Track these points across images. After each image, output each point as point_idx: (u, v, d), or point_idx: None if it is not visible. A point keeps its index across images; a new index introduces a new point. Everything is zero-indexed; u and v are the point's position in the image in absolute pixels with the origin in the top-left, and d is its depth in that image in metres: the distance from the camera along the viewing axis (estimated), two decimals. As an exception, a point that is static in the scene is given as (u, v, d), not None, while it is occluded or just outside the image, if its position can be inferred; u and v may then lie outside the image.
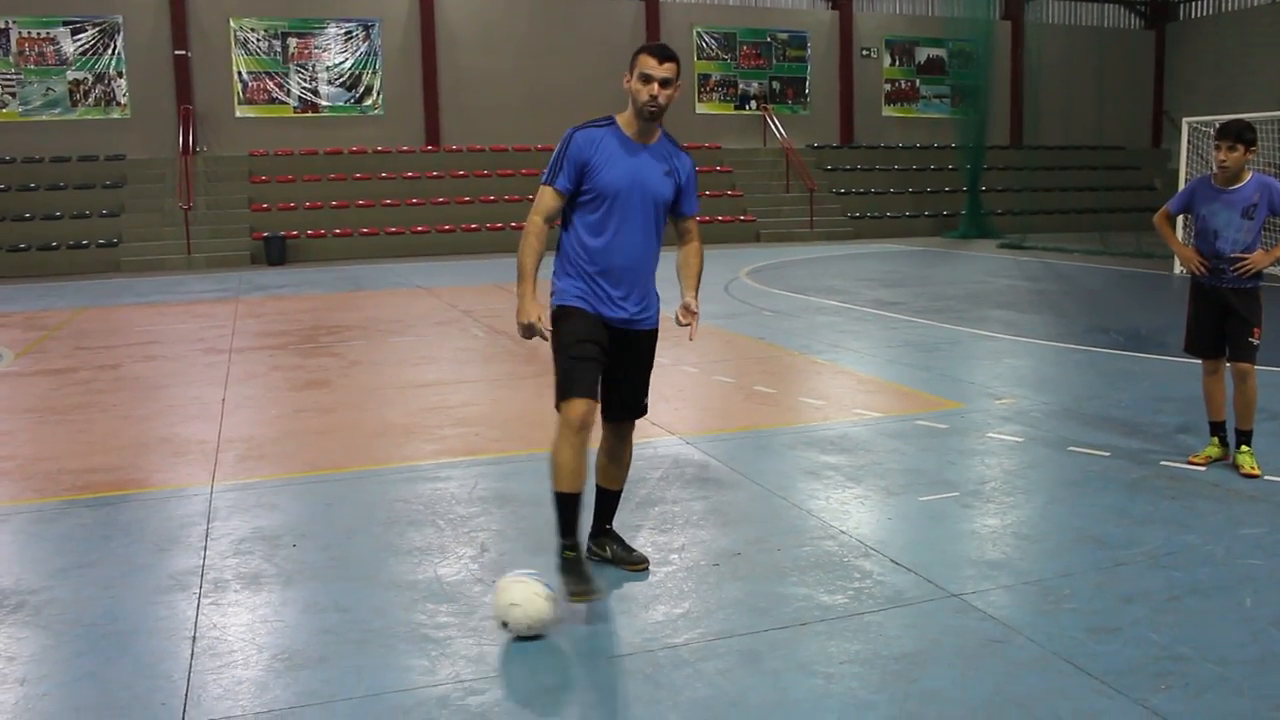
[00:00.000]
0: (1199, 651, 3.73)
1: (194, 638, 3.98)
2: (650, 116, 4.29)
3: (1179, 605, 4.14)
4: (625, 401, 4.48)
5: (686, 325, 4.37)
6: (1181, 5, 34.42)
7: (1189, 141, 19.32)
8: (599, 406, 4.27)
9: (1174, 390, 8.07)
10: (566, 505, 4.23)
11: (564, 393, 4.16)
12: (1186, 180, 18.89)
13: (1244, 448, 5.99)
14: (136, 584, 4.54)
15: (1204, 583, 4.36)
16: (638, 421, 4.61)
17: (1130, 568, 4.54)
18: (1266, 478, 5.78)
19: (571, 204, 4.30)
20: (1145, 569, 4.52)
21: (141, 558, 4.86)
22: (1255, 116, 17.92)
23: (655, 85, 4.22)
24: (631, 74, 4.29)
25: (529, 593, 3.84)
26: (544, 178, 4.27)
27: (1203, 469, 5.99)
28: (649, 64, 4.25)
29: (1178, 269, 18.18)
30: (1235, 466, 5.97)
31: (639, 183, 4.27)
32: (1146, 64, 34.60)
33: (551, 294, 4.38)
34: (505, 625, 3.88)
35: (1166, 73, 34.51)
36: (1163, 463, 6.12)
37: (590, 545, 4.65)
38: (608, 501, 4.70)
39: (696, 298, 4.40)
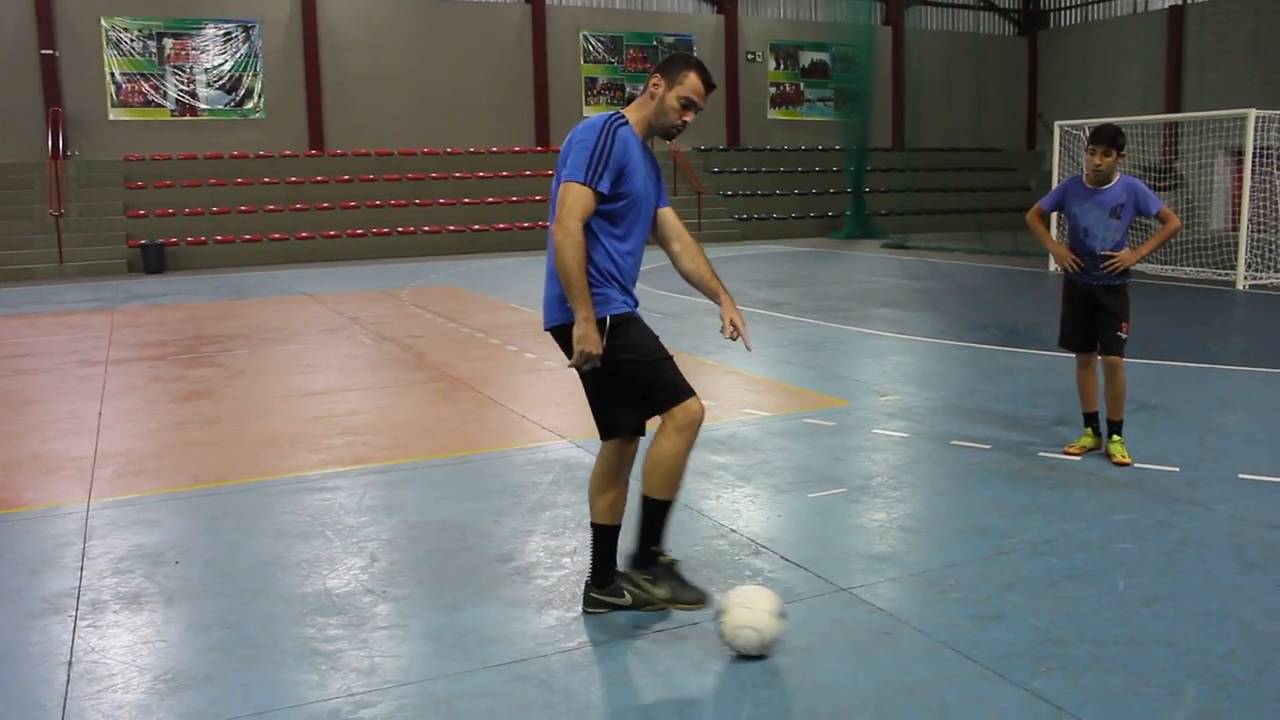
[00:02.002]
0: (1076, 634, 3.86)
1: (70, 662, 3.84)
2: (670, 138, 4.06)
3: (1057, 590, 4.28)
4: None
5: (737, 338, 4.11)
6: (1052, 14, 35.61)
7: (1060, 143, 19.99)
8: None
9: (1050, 384, 8.34)
10: (670, 512, 4.01)
11: (680, 394, 3.85)
12: (1059, 180, 19.56)
13: (1115, 438, 6.24)
14: (6, 609, 4.36)
15: (1080, 568, 4.51)
16: (531, 424, 4.51)
17: (1011, 556, 4.68)
18: (1137, 465, 6.02)
19: (607, 211, 3.89)
20: (1025, 557, 4.66)
21: (12, 581, 4.67)
22: (1121, 120, 18.63)
23: (693, 113, 3.96)
24: (668, 84, 3.92)
25: (765, 619, 3.68)
26: (579, 175, 3.75)
27: (1078, 459, 6.20)
28: (699, 90, 3.93)
29: (1052, 267, 18.80)
30: (1108, 455, 6.20)
31: (651, 189, 4.04)
32: (1020, 69, 35.71)
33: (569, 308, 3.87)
34: (731, 640, 3.72)
35: (1039, 78, 35.68)
36: (1040, 454, 6.32)
37: (597, 595, 4.18)
38: (613, 538, 4.24)
39: (732, 300, 4.19)
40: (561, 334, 3.95)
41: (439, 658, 3.83)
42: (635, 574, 4.08)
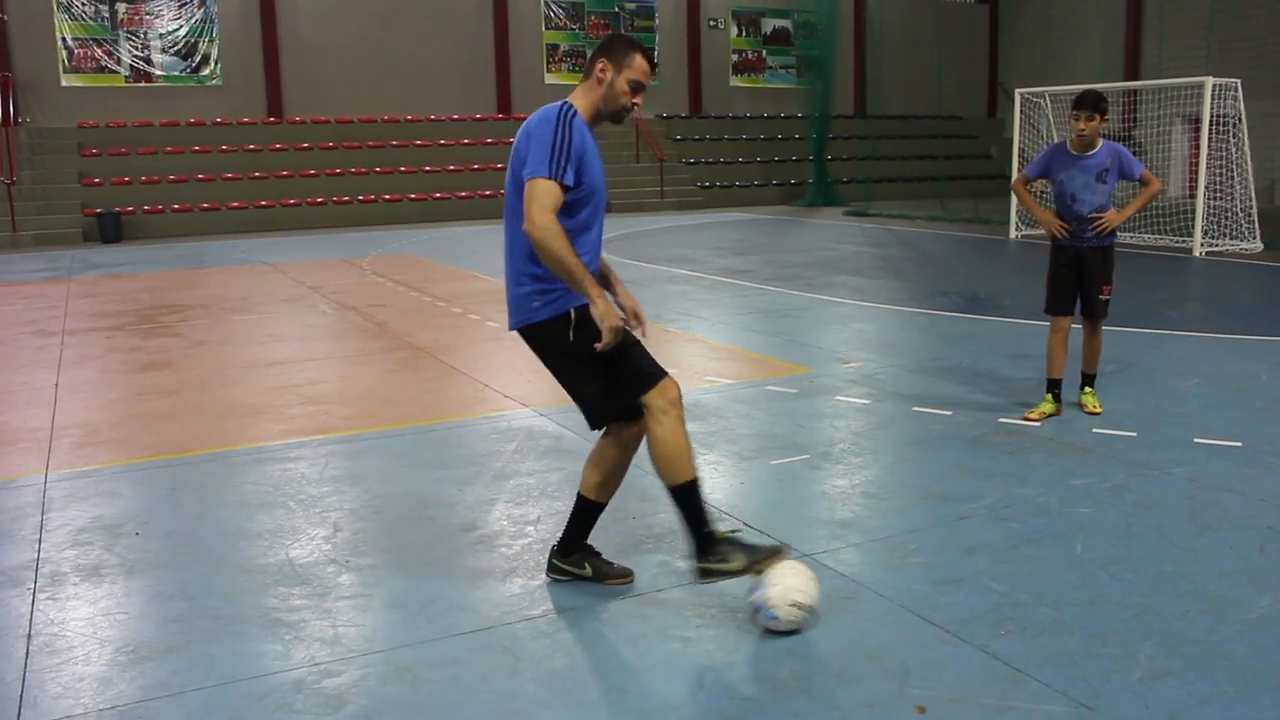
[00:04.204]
0: (1034, 597, 3.92)
1: (29, 635, 3.80)
2: (619, 122, 3.99)
3: (1017, 554, 4.33)
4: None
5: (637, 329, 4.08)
6: (1013, -20, 35.69)
7: (1021, 111, 20.10)
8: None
9: (1010, 350, 8.41)
10: (699, 489, 3.89)
11: (649, 379, 3.79)
12: (1020, 148, 19.68)
13: (1088, 389, 6.57)
14: (-35, 580, 4.31)
15: (1039, 532, 4.57)
16: (494, 393, 4.44)
17: (972, 521, 4.73)
18: (1094, 430, 6.10)
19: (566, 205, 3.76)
20: (986, 522, 4.72)
21: (-31, 553, 4.61)
22: (1084, 88, 18.74)
23: (640, 95, 3.91)
24: (615, 68, 3.85)
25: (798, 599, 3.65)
26: (542, 170, 3.63)
27: (1038, 424, 6.28)
28: (646, 71, 3.89)
29: (1013, 233, 18.95)
30: (1079, 405, 6.51)
31: (603, 180, 3.95)
32: (981, 37, 35.77)
33: (546, 301, 3.82)
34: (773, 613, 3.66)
35: (1000, 46, 35.77)
36: (1001, 420, 6.39)
37: (559, 563, 4.19)
38: (594, 515, 4.22)
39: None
40: (531, 334, 3.89)
41: (403, 627, 3.83)
42: (705, 562, 3.85)
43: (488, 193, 25.85)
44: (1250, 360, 7.99)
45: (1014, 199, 19.07)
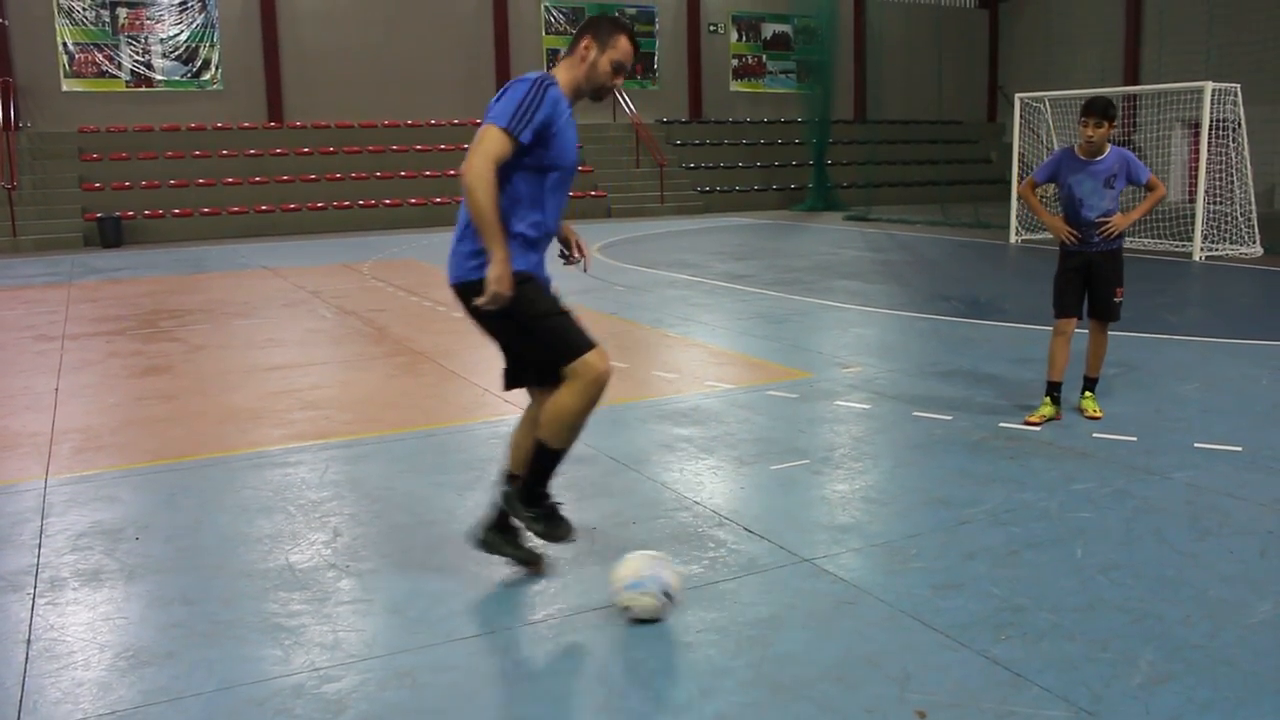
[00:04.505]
0: (1035, 602, 3.91)
1: (28, 640, 3.80)
2: (600, 100, 4.05)
3: (1017, 559, 4.33)
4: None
5: (579, 260, 4.35)
6: (1012, -15, 35.76)
7: (1021, 116, 20.12)
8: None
9: (1011, 354, 8.41)
10: (559, 461, 4.09)
11: (576, 349, 3.86)
12: (1020, 153, 19.70)
13: (1089, 394, 6.57)
14: (-36, 585, 4.31)
15: (1039, 537, 4.57)
16: (494, 398, 4.51)
17: (972, 526, 4.73)
18: (1095, 435, 6.09)
19: (514, 163, 3.80)
20: (986, 526, 4.71)
21: (-31, 558, 4.61)
22: (1081, 94, 18.76)
23: (623, 76, 3.98)
24: (600, 47, 3.92)
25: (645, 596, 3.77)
26: (501, 120, 3.69)
27: (1038, 429, 6.28)
28: (630, 53, 3.96)
29: (1013, 238, 18.96)
30: (1080, 410, 6.51)
31: (575, 156, 4.01)
32: (981, 42, 35.81)
33: (483, 263, 3.85)
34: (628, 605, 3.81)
35: (1000, 50, 35.82)
36: (1001, 424, 6.39)
37: (489, 537, 4.30)
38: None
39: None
40: (466, 290, 3.95)
41: (403, 632, 3.82)
42: (518, 509, 4.12)
43: (488, 197, 25.79)
44: (1250, 365, 7.99)
45: (1013, 203, 19.10)
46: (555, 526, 4.11)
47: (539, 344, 3.97)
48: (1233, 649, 3.53)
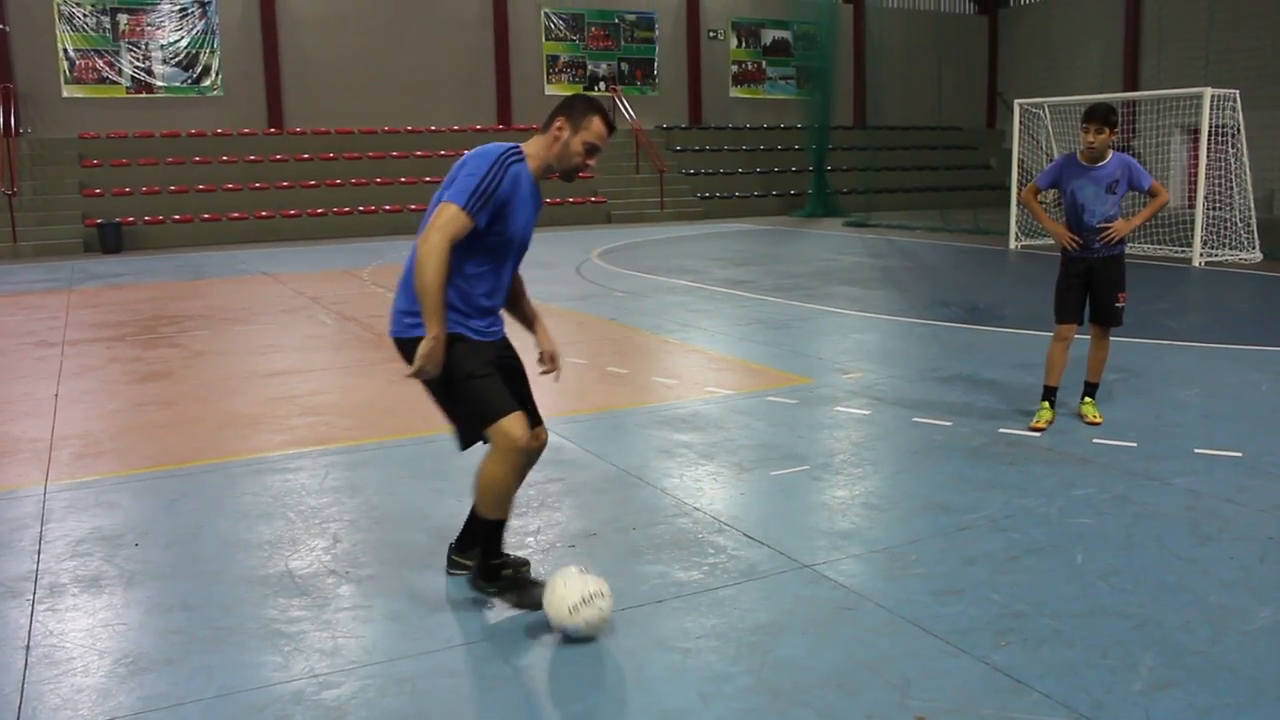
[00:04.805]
0: (1035, 608, 3.91)
1: (28, 647, 3.79)
2: (570, 180, 4.03)
3: (1017, 565, 4.33)
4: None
5: (551, 371, 4.28)
6: (1011, -10, 35.83)
7: (1020, 122, 20.13)
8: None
9: (1011, 360, 8.41)
10: (500, 531, 4.05)
11: (490, 417, 3.80)
12: (1020, 158, 19.72)
13: (1089, 399, 6.57)
14: (-36, 592, 4.30)
15: (1039, 543, 4.57)
16: None
17: (972, 532, 4.72)
18: (1095, 440, 6.09)
19: (467, 239, 3.77)
20: (986, 532, 4.71)
21: (-31, 564, 4.61)
22: (1080, 99, 18.80)
23: (595, 157, 3.93)
24: (572, 129, 3.86)
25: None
26: (459, 199, 3.68)
27: (1038, 434, 6.27)
28: (603, 135, 3.91)
29: (1013, 243, 18.96)
30: (1079, 416, 6.50)
31: (528, 232, 3.99)
32: (980, 48, 35.85)
33: (418, 321, 3.80)
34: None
35: (999, 56, 35.87)
36: (1001, 430, 6.38)
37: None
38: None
39: (547, 332, 4.33)
40: (401, 346, 3.92)
41: (402, 638, 3.82)
42: (481, 586, 4.09)
43: (488, 203, 25.81)
44: (1250, 370, 7.99)
45: (1013, 209, 19.11)
46: (526, 593, 3.99)
47: (459, 405, 3.94)
48: (1233, 655, 3.53)
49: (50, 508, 5.35)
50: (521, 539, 4.76)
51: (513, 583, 4.06)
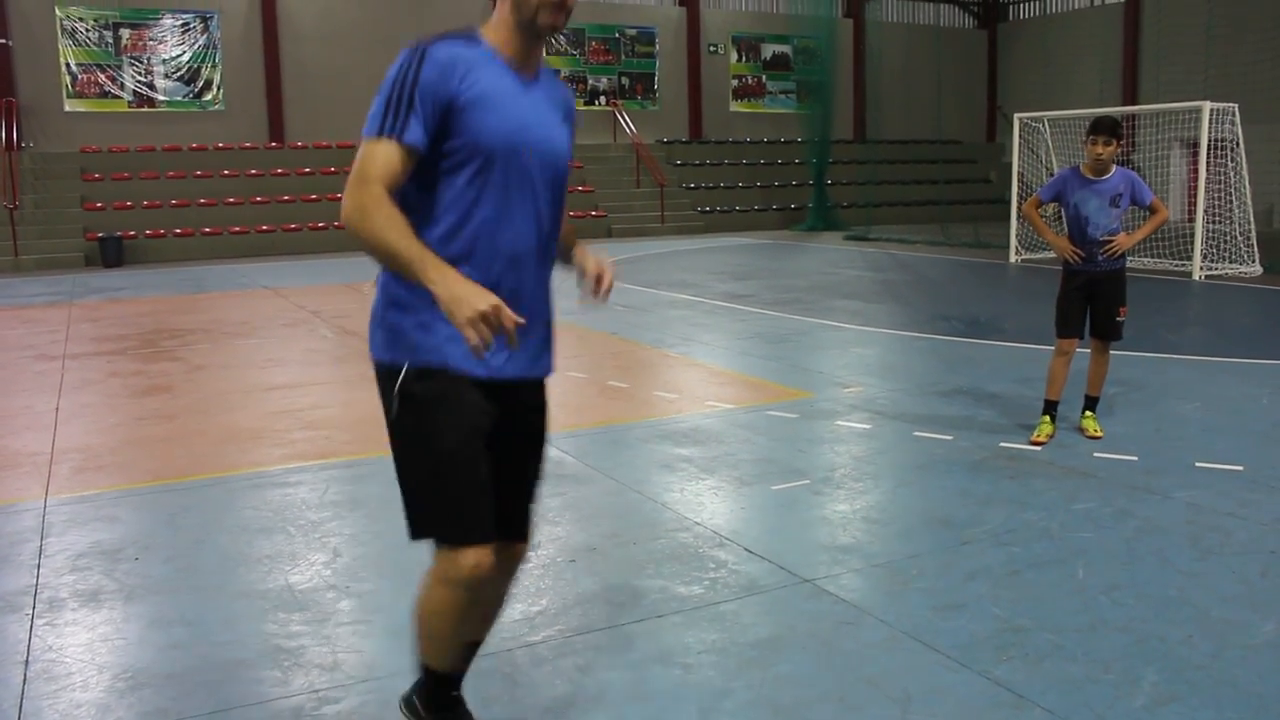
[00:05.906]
0: (1037, 622, 3.90)
1: (26, 661, 3.79)
2: (550, 32, 2.71)
3: (1018, 579, 4.32)
4: (512, 512, 2.98)
5: (601, 290, 2.89)
6: (1011, 6, 35.90)
7: (1020, 136, 20.17)
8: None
9: (1012, 374, 8.41)
10: (435, 685, 3.01)
11: (448, 528, 2.74)
12: (1019, 172, 19.76)
13: (1090, 413, 6.57)
14: (-37, 606, 4.30)
15: (1041, 557, 4.56)
16: None
17: (973, 546, 4.72)
18: (1095, 454, 6.09)
19: (421, 173, 2.61)
20: (987, 547, 4.70)
21: (-32, 578, 4.60)
22: (1080, 114, 18.85)
23: (563, 15, 2.68)
24: None
25: None
26: (372, 127, 2.57)
27: (1039, 449, 6.27)
28: None
29: (1013, 257, 18.98)
30: (1080, 430, 6.51)
31: (537, 136, 2.70)
32: (980, 62, 35.96)
33: (383, 343, 2.73)
34: None
35: (999, 70, 35.98)
36: (1002, 444, 6.38)
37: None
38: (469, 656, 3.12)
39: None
40: (376, 371, 2.77)
41: (403, 653, 3.80)
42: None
43: (489, 217, 25.85)
44: (1250, 384, 7.99)
45: (1013, 223, 19.13)
46: None
47: (409, 479, 2.86)
48: (1235, 669, 3.52)
49: (50, 522, 5.34)
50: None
51: None
